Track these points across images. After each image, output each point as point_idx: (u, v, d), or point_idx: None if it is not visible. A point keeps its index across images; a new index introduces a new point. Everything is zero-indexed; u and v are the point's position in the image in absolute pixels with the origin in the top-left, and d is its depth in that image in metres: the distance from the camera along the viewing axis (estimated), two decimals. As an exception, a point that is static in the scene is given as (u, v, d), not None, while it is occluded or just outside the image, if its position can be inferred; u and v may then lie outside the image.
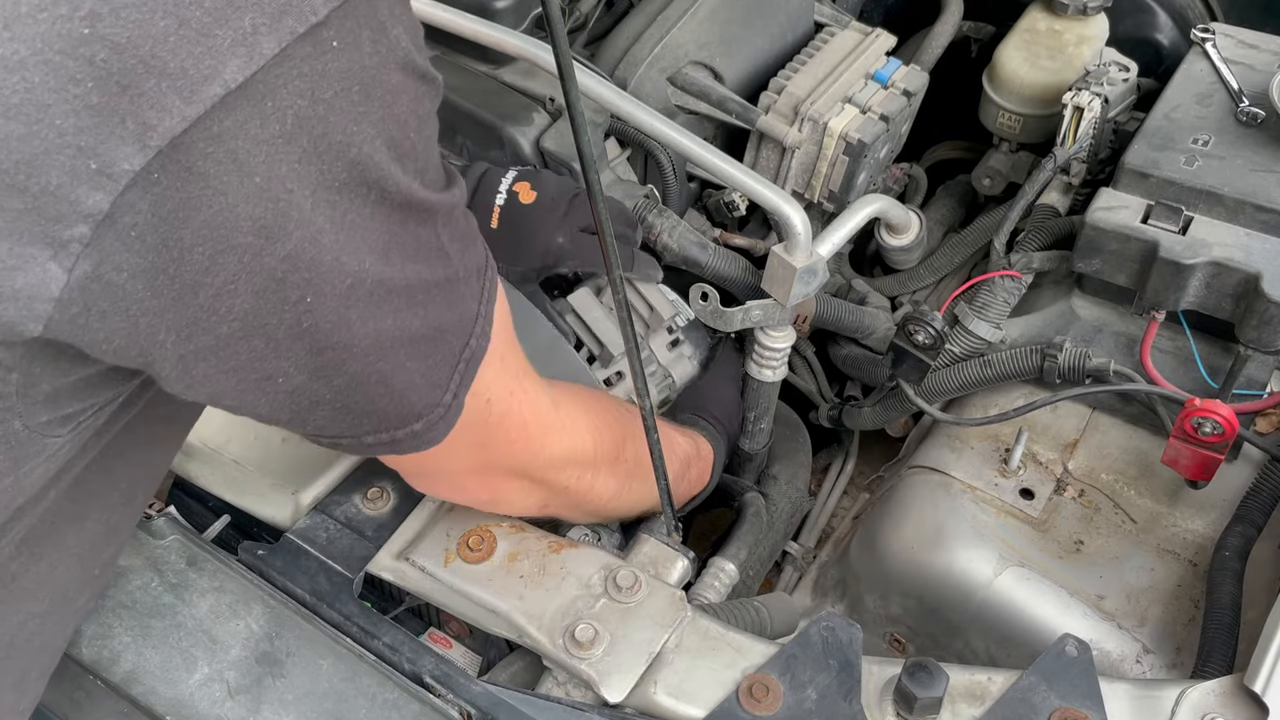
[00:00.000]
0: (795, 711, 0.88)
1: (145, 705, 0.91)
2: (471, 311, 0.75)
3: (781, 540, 1.46)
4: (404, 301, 0.67)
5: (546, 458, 0.93)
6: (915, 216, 1.43)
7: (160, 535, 1.01)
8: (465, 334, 0.75)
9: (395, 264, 0.65)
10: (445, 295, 0.71)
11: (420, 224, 0.67)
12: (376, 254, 0.64)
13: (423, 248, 0.68)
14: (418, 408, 0.73)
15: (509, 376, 0.84)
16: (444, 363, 0.74)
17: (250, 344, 0.62)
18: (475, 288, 0.76)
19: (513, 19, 1.33)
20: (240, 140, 0.55)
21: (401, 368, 0.70)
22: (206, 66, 0.53)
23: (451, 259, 0.71)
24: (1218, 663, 0.99)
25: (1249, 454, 1.19)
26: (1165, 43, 1.56)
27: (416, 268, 0.67)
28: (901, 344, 1.26)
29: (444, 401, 0.75)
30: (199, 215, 0.56)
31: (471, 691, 0.91)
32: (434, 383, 0.73)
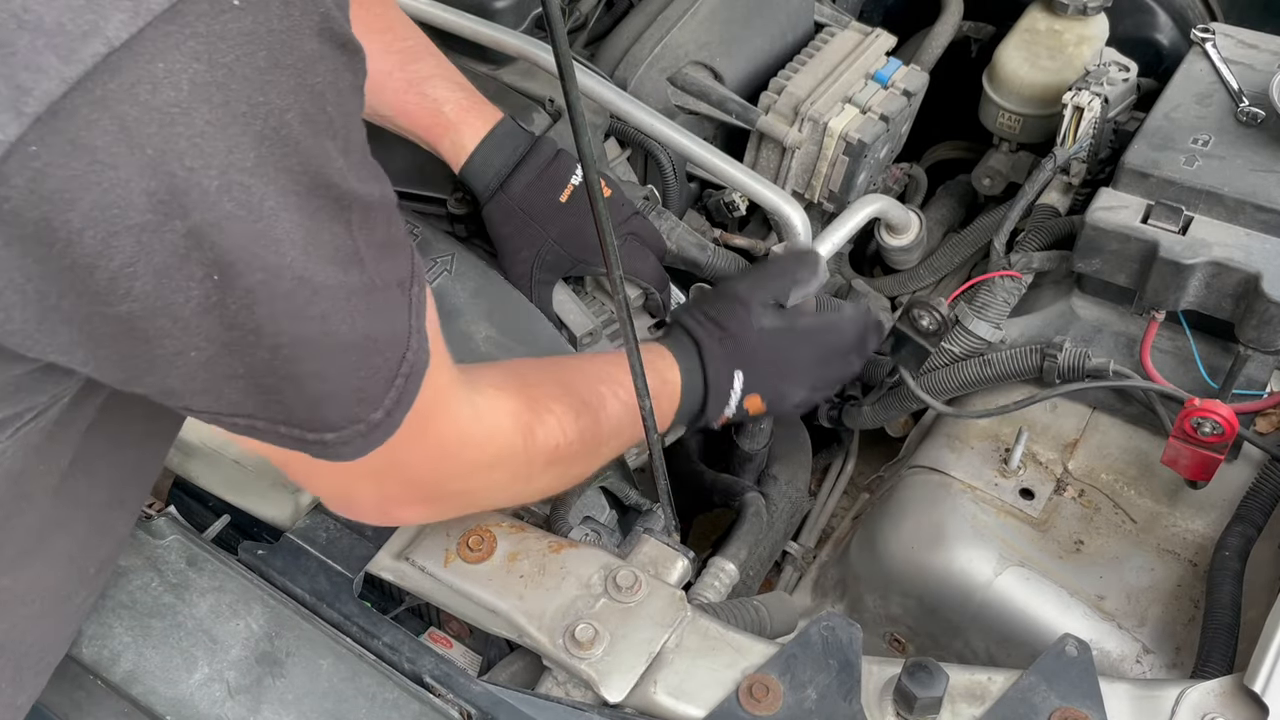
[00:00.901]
0: (795, 711, 0.88)
1: (145, 705, 0.91)
2: (403, 325, 0.69)
3: (781, 540, 1.46)
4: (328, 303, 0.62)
5: (457, 474, 0.87)
6: (915, 216, 1.43)
7: (160, 535, 1.01)
8: (401, 346, 0.69)
9: (315, 261, 0.60)
10: (368, 303, 0.65)
11: (333, 219, 0.61)
12: (296, 247, 0.58)
13: (339, 249, 0.62)
14: (332, 419, 0.67)
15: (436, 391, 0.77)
16: (375, 377, 0.68)
17: (155, 323, 0.57)
18: (400, 300, 0.69)
19: (512, 19, 1.33)
20: (128, 106, 0.50)
21: (317, 374, 0.64)
22: (86, 21, 0.48)
23: (365, 265, 0.64)
24: (1218, 663, 0.99)
25: (1249, 454, 1.19)
26: (1165, 43, 1.56)
27: (333, 270, 0.61)
28: (904, 329, 1.26)
29: (370, 419, 0.69)
30: (88, 195, 0.51)
31: (471, 691, 0.91)
32: (360, 397, 0.68)
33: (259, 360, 0.62)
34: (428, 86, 1.16)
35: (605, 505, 1.17)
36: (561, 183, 1.18)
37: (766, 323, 1.12)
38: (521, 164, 1.18)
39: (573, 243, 1.19)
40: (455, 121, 1.17)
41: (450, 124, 1.17)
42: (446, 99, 1.17)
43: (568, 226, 1.18)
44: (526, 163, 1.18)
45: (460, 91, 1.18)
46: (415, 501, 0.89)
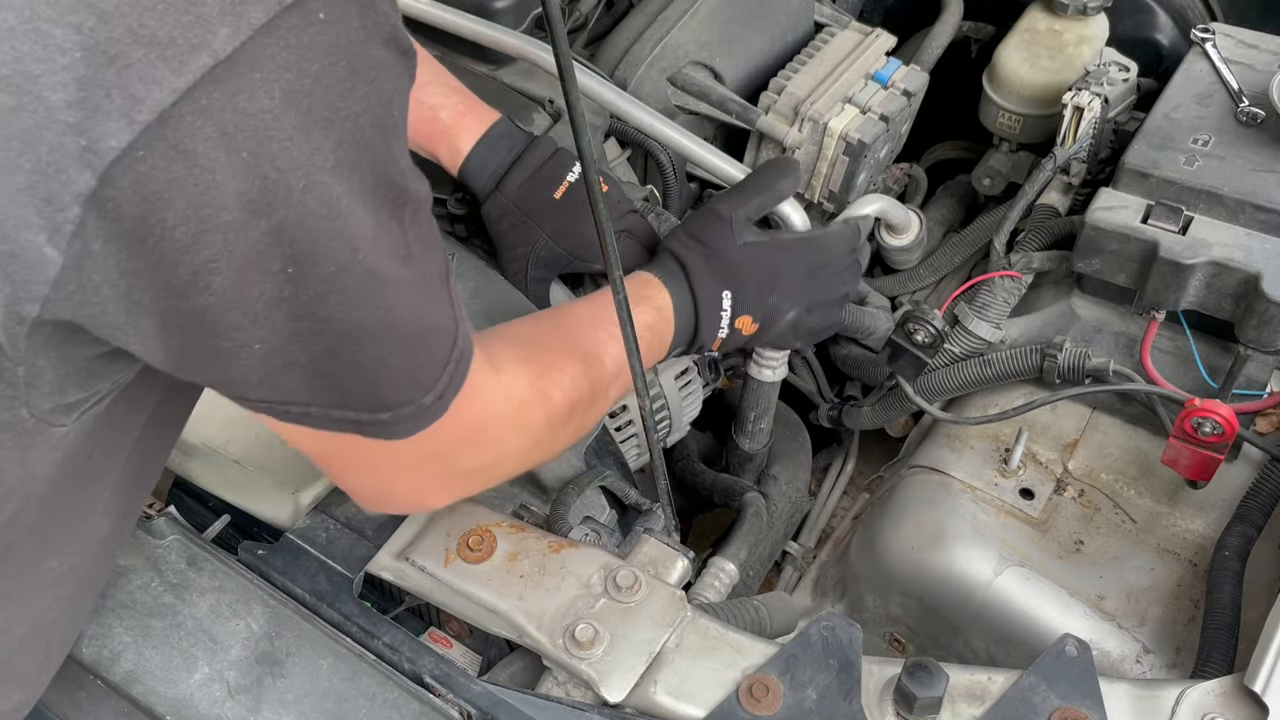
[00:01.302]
0: (795, 711, 0.88)
1: (145, 705, 0.91)
2: (449, 315, 0.74)
3: (781, 540, 1.46)
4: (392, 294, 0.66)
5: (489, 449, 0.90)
6: (915, 216, 1.43)
7: (160, 535, 1.01)
8: (451, 335, 0.74)
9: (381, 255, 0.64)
10: (424, 294, 0.70)
11: (392, 216, 0.65)
12: (367, 242, 0.62)
13: (397, 243, 0.66)
14: (388, 400, 0.71)
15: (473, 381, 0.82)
16: (431, 363, 0.73)
17: (227, 316, 0.61)
18: (443, 292, 0.74)
19: (512, 19, 1.33)
20: (229, 114, 0.54)
21: (380, 361, 0.68)
22: (195, 35, 0.52)
23: (416, 259, 0.69)
24: (1218, 663, 0.99)
25: (1249, 454, 1.19)
26: (1165, 43, 1.56)
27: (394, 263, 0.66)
28: (900, 341, 1.26)
29: (422, 401, 0.73)
30: (184, 196, 0.55)
31: (471, 691, 0.91)
32: (415, 381, 0.72)
33: (323, 348, 0.65)
34: (423, 94, 1.16)
35: (605, 505, 1.17)
36: (556, 180, 1.18)
37: (750, 238, 1.13)
38: (517, 162, 1.18)
39: (567, 239, 1.19)
40: (451, 126, 1.17)
41: (447, 129, 1.17)
42: (442, 105, 1.17)
43: (562, 223, 1.18)
44: (522, 161, 1.18)
45: (456, 96, 1.19)
46: (450, 481, 0.90)
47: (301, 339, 0.64)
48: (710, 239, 1.12)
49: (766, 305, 1.13)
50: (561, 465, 1.13)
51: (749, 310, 1.12)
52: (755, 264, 1.12)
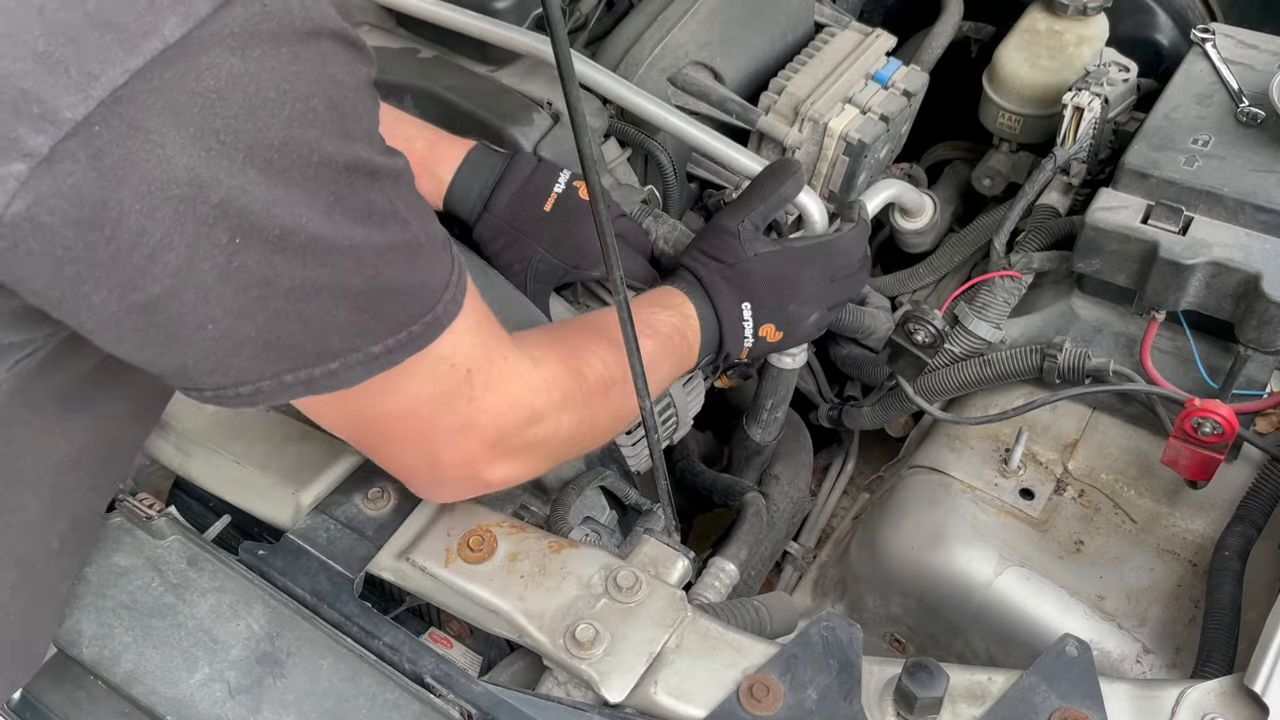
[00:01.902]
0: (795, 711, 0.88)
1: (146, 705, 0.91)
2: (441, 280, 0.77)
3: (782, 540, 1.46)
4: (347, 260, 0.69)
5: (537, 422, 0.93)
6: (930, 200, 1.44)
7: (160, 535, 1.01)
8: (428, 300, 0.76)
9: (340, 224, 0.67)
10: (404, 258, 0.73)
11: (369, 187, 0.69)
12: (318, 211, 0.66)
13: (375, 211, 0.70)
14: (335, 348, 0.73)
15: (488, 348, 0.86)
16: (387, 320, 0.75)
17: (181, 298, 0.64)
18: (444, 258, 0.78)
19: (513, 19, 1.33)
20: (178, 93, 0.58)
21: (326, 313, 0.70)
22: (147, 22, 0.57)
23: (410, 224, 0.73)
24: (1218, 663, 0.99)
25: (1249, 454, 1.19)
26: (1165, 43, 1.56)
27: (366, 231, 0.69)
28: (900, 341, 1.26)
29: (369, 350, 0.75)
30: (138, 170, 0.58)
31: (472, 691, 0.91)
32: (363, 331, 0.74)
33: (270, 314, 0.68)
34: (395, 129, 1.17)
35: (605, 505, 1.17)
36: (545, 192, 1.19)
37: (762, 248, 1.14)
38: (501, 181, 1.20)
39: (563, 249, 1.19)
40: (428, 155, 1.20)
41: (424, 159, 1.19)
42: (415, 136, 1.20)
43: (556, 234, 1.19)
44: (506, 179, 1.20)
45: (425, 129, 1.21)
46: (499, 457, 0.92)
47: (251, 311, 0.67)
48: (721, 253, 1.14)
49: (787, 313, 1.15)
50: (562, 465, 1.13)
51: (770, 319, 1.14)
52: (770, 274, 1.14)
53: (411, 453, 0.92)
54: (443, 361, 0.82)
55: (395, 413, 0.84)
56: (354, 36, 0.67)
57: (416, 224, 0.74)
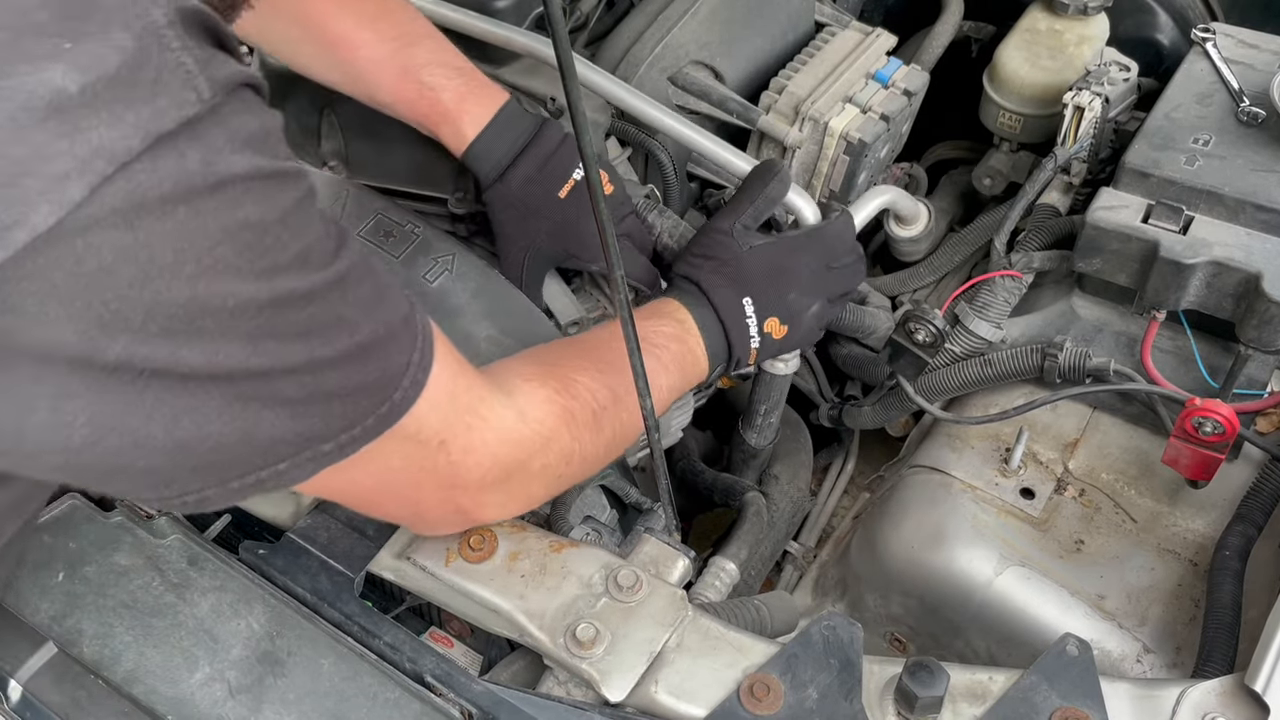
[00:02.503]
0: (796, 711, 0.88)
1: (146, 705, 0.91)
2: (397, 367, 0.75)
3: (782, 540, 1.46)
4: (281, 381, 0.67)
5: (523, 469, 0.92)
6: (924, 207, 1.44)
7: (161, 535, 1.01)
8: (383, 392, 0.74)
9: (268, 351, 0.65)
10: (351, 363, 0.71)
11: (304, 308, 0.66)
12: (239, 348, 0.63)
13: (313, 328, 0.67)
14: (282, 452, 0.71)
15: (464, 412, 0.84)
16: (336, 421, 0.72)
17: (104, 444, 0.63)
18: (403, 340, 0.76)
19: (514, 19, 1.33)
20: (56, 276, 0.56)
21: (267, 427, 0.68)
22: (15, 213, 0.54)
23: (359, 326, 0.70)
24: (1218, 662, 0.99)
25: (1249, 453, 1.19)
26: (1165, 43, 1.56)
27: (302, 348, 0.67)
28: (901, 341, 1.26)
29: (319, 449, 0.73)
30: (20, 338, 0.57)
31: (473, 691, 0.91)
32: (310, 436, 0.72)
33: (204, 438, 0.66)
34: (425, 74, 1.15)
35: (606, 505, 1.17)
36: (562, 177, 1.18)
37: (755, 241, 1.13)
38: (523, 155, 1.17)
39: (567, 238, 1.19)
40: (454, 110, 1.16)
41: (449, 112, 1.16)
42: (444, 86, 1.16)
43: (563, 221, 1.18)
44: (528, 154, 1.17)
45: (459, 77, 1.17)
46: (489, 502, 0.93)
47: (182, 441, 0.65)
48: (715, 252, 1.13)
49: (788, 303, 1.13)
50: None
51: (773, 311, 1.12)
52: (766, 265, 1.13)
53: (396, 512, 0.94)
54: (408, 441, 0.79)
55: (369, 487, 0.83)
56: (272, 168, 0.63)
57: (366, 322, 0.71)
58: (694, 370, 1.10)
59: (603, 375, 0.98)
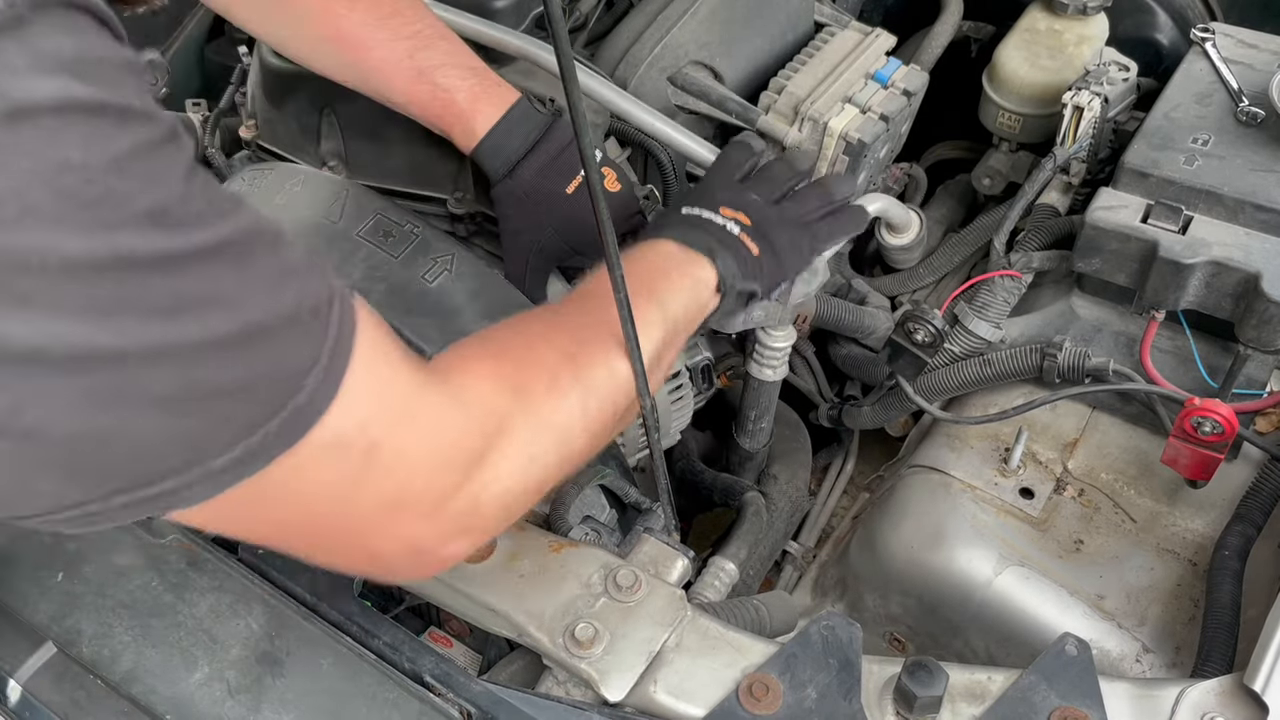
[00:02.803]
0: (795, 710, 0.88)
1: (145, 705, 0.91)
2: (302, 361, 0.63)
3: (781, 539, 1.46)
4: (143, 369, 0.56)
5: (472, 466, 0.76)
6: (916, 216, 1.44)
7: (160, 534, 1.01)
8: (283, 392, 0.62)
9: (126, 329, 0.55)
10: (233, 351, 0.59)
11: (171, 275, 0.56)
12: (83, 322, 0.53)
13: (184, 302, 0.56)
14: (165, 466, 0.60)
15: (392, 407, 0.70)
16: (225, 427, 0.61)
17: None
18: (311, 331, 0.63)
19: (513, 19, 1.33)
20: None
21: (134, 430, 0.58)
22: None
23: (244, 306, 0.59)
24: (1217, 662, 1.00)
25: (1249, 453, 1.19)
26: (1165, 42, 1.56)
27: (172, 328, 0.56)
28: (900, 341, 1.26)
29: (209, 466, 0.61)
30: None
31: (472, 690, 0.91)
32: (194, 445, 0.60)
33: (56, 442, 0.56)
34: (439, 75, 1.15)
35: (605, 504, 1.17)
36: (570, 173, 1.18)
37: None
38: (533, 151, 1.17)
39: (573, 234, 1.18)
40: (467, 110, 1.16)
41: (463, 113, 1.16)
42: (458, 88, 1.15)
43: (569, 217, 1.18)
44: (538, 150, 1.17)
45: (472, 78, 1.17)
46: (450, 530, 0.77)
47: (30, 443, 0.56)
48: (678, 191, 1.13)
49: (742, 198, 1.08)
50: (561, 465, 1.13)
51: (724, 202, 1.07)
52: (719, 180, 1.13)
53: (341, 552, 0.77)
54: (329, 450, 0.66)
55: (295, 516, 0.70)
56: (95, 100, 0.53)
57: (254, 305, 0.60)
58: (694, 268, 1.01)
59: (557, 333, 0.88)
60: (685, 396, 1.33)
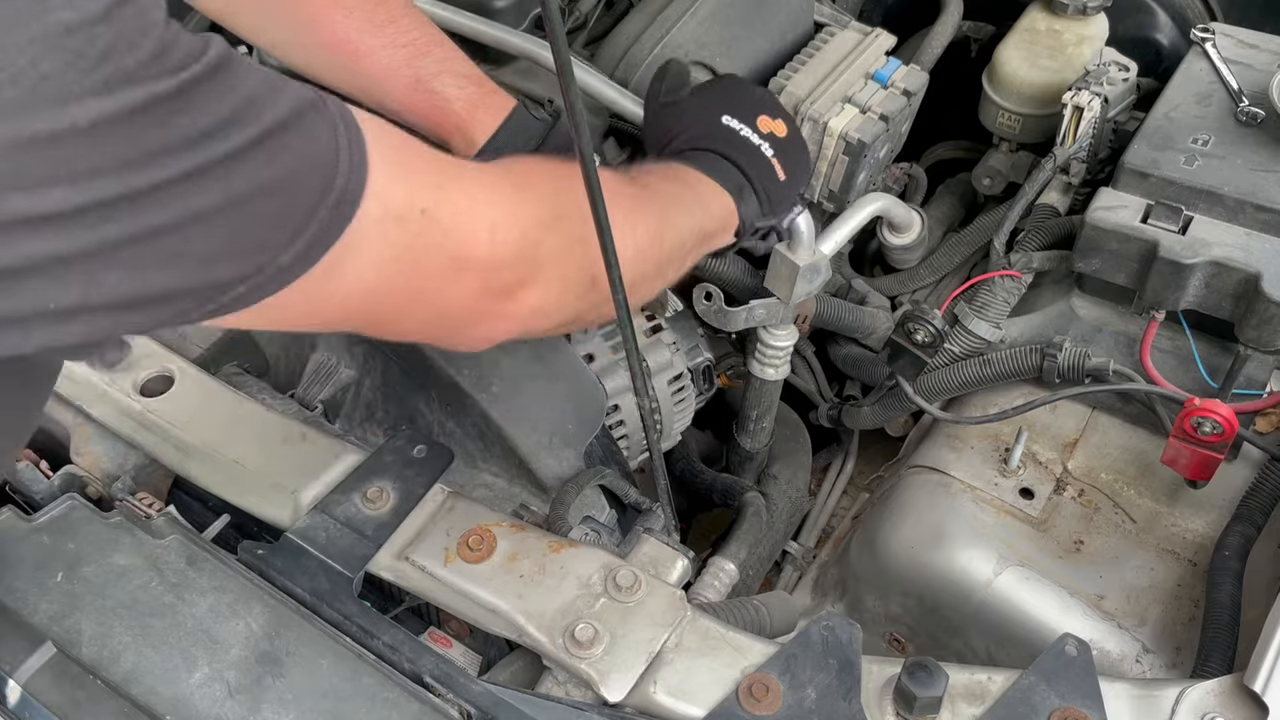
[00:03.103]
0: (795, 711, 0.88)
1: (145, 705, 0.91)
2: (326, 148, 0.67)
3: (781, 540, 1.46)
4: (187, 191, 0.59)
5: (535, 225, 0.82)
6: (917, 215, 1.44)
7: (160, 535, 1.01)
8: (322, 178, 0.66)
9: (164, 165, 0.58)
10: (265, 152, 0.63)
11: (184, 107, 0.59)
12: (123, 172, 0.57)
13: (203, 126, 0.60)
14: (232, 273, 0.64)
15: (431, 173, 0.76)
16: (281, 224, 0.65)
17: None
18: (319, 121, 0.67)
19: (512, 19, 1.33)
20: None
21: (194, 247, 0.61)
22: None
23: (261, 110, 0.62)
24: (1217, 662, 1.00)
25: (1248, 453, 1.19)
26: (1165, 42, 1.56)
27: (201, 152, 0.59)
28: (900, 341, 1.26)
29: (278, 263, 0.65)
30: None
31: (471, 691, 0.91)
32: (257, 248, 0.65)
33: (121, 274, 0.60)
34: (436, 83, 1.14)
35: (605, 505, 1.17)
36: None
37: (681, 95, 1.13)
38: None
39: None
40: (465, 119, 1.15)
41: (461, 122, 1.15)
42: (455, 96, 1.15)
43: None
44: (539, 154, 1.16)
45: (470, 86, 1.16)
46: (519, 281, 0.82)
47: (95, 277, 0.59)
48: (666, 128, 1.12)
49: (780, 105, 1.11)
50: (561, 464, 1.13)
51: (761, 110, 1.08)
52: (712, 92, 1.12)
53: (412, 318, 0.82)
54: (383, 222, 0.71)
55: (372, 292, 0.74)
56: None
57: (263, 108, 0.63)
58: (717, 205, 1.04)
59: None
60: (687, 398, 1.33)
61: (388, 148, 0.72)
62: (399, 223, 0.72)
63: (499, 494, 1.14)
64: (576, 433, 1.15)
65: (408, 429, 1.11)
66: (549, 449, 1.13)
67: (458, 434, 1.16)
